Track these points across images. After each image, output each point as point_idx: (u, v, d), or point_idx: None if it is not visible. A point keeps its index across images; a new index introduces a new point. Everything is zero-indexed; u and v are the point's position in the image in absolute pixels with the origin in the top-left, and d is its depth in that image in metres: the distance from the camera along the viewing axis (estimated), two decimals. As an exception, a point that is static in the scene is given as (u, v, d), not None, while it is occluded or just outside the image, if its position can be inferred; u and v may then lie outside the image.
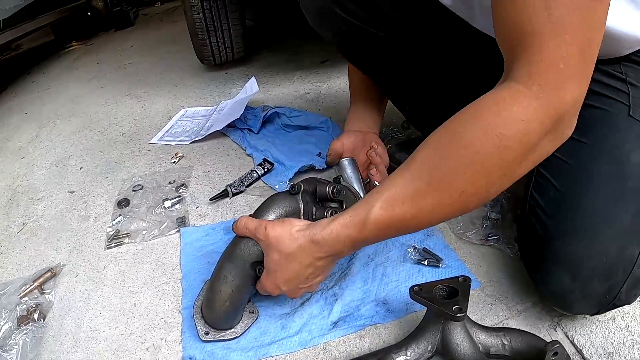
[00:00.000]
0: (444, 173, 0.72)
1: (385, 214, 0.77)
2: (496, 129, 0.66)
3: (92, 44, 3.81)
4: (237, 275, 0.95)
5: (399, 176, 0.77)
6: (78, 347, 1.04)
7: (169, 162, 1.74)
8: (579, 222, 0.86)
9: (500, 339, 0.87)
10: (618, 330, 0.93)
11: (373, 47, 1.16)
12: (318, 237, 0.84)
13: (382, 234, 0.80)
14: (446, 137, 0.73)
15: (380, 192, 0.78)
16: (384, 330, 0.99)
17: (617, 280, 0.83)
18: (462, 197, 0.72)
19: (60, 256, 1.33)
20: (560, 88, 0.64)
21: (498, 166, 0.69)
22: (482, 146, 0.68)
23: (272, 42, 3.00)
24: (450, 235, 1.22)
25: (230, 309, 0.97)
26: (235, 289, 0.95)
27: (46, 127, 2.25)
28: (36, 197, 1.65)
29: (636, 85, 0.96)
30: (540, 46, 0.64)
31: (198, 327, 1.00)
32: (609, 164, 0.89)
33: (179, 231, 1.34)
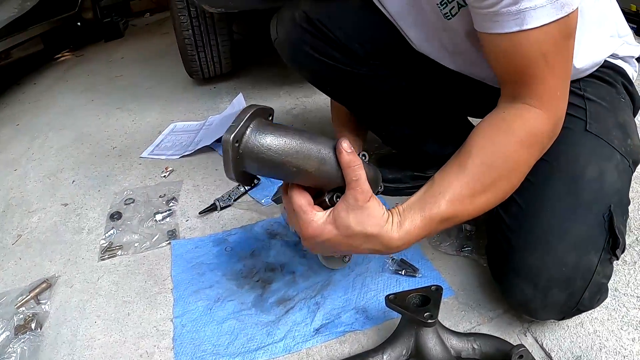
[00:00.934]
0: (494, 179, 0.85)
1: (450, 208, 0.84)
2: (528, 140, 0.85)
3: (82, 55, 3.79)
4: (321, 162, 0.82)
5: (454, 178, 0.85)
6: (74, 354, 1.09)
7: (159, 176, 1.78)
8: (536, 235, 0.93)
9: (470, 344, 0.93)
10: (586, 335, 0.98)
11: (346, 83, 1.22)
12: (394, 236, 0.83)
13: (444, 226, 0.87)
14: (490, 148, 0.86)
15: (441, 192, 0.84)
16: (362, 336, 1.05)
17: (576, 288, 0.90)
18: (504, 195, 0.88)
19: (55, 267, 1.38)
20: (558, 108, 0.86)
21: (527, 166, 0.87)
22: (520, 155, 0.85)
23: (259, 56, 3.03)
24: (426, 247, 1.27)
25: (282, 159, 0.79)
26: (328, 162, 0.82)
27: (38, 139, 2.27)
28: (30, 210, 1.69)
29: (593, 100, 1.04)
30: (543, 83, 0.83)
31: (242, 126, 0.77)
32: (564, 179, 0.96)
33: (170, 244, 1.39)
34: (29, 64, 3.59)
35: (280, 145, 0.78)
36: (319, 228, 0.84)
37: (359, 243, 0.84)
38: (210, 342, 1.07)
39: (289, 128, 0.82)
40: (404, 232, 0.83)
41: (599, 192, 0.94)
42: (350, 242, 0.84)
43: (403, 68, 1.22)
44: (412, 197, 0.87)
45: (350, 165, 0.81)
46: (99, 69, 3.32)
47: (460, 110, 1.39)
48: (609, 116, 1.03)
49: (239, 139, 0.76)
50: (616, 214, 0.93)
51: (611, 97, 1.06)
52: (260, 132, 0.78)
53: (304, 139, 0.81)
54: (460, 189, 0.84)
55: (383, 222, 0.83)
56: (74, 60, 3.70)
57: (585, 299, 0.91)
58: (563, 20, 0.76)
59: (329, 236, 0.84)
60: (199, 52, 2.40)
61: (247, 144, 0.77)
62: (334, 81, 1.24)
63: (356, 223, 0.82)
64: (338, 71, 1.19)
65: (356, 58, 1.17)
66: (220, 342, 1.06)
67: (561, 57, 0.82)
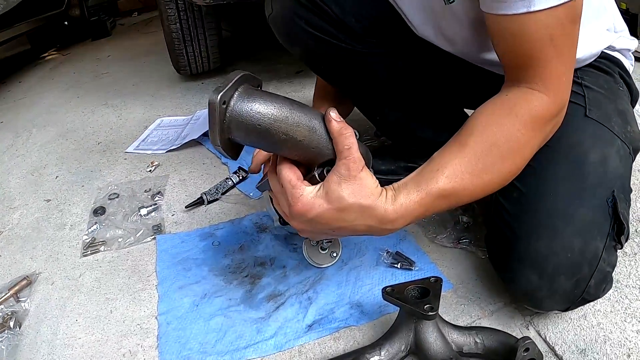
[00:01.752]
0: (495, 159, 0.82)
1: (450, 184, 0.80)
2: (532, 123, 0.82)
3: (68, 54, 3.78)
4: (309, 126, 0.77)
5: (454, 155, 0.82)
6: (54, 354, 1.04)
7: (145, 170, 1.75)
8: (541, 221, 0.89)
9: (472, 338, 0.89)
10: (590, 328, 0.95)
11: (341, 61, 1.18)
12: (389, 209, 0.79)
13: (441, 206, 0.82)
14: (493, 128, 0.83)
15: (439, 169, 0.80)
16: (357, 332, 1.01)
17: (583, 275, 0.87)
18: (506, 177, 0.85)
19: (36, 264, 1.33)
20: (563, 94, 0.83)
21: (530, 149, 0.84)
22: (523, 136, 0.82)
23: (248, 52, 3.02)
24: (422, 239, 1.24)
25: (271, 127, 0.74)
26: (316, 130, 0.78)
27: (22, 136, 2.24)
28: (12, 206, 1.64)
29: (591, 87, 1.02)
30: (549, 67, 0.80)
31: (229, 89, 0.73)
32: (567, 163, 0.93)
33: (155, 238, 1.35)
34: (14, 63, 3.55)
35: (270, 110, 0.74)
36: (309, 202, 0.78)
37: (352, 217, 0.78)
38: (197, 340, 1.02)
39: (278, 95, 0.77)
40: (398, 205, 0.78)
41: (602, 177, 0.92)
42: (344, 216, 0.78)
43: (400, 48, 1.19)
44: (409, 175, 0.83)
45: (341, 132, 0.77)
46: (85, 67, 3.29)
47: (456, 97, 1.36)
48: (608, 103, 1.02)
49: (227, 100, 0.72)
50: (619, 200, 0.91)
51: (609, 86, 1.06)
52: (249, 95, 0.74)
53: (294, 106, 0.77)
54: (460, 165, 0.80)
55: (377, 193, 0.78)
56: (60, 59, 3.67)
57: (591, 287, 0.88)
58: (570, 3, 0.75)
59: (320, 210, 0.78)
60: (187, 46, 2.36)
61: (235, 106, 0.73)
62: (328, 59, 1.20)
63: (349, 194, 0.76)
64: (333, 48, 1.15)
65: (352, 34, 1.13)
66: (208, 339, 1.02)
67: (567, 42, 0.80)
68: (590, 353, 0.91)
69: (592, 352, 0.91)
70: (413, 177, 0.82)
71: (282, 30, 1.20)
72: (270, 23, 1.20)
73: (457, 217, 1.27)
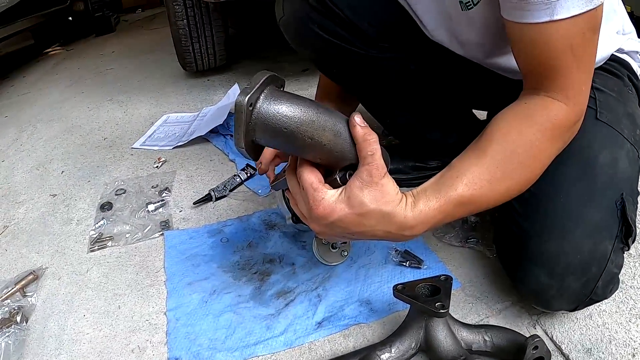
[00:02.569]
0: (514, 166, 0.81)
1: (468, 192, 0.79)
2: (551, 131, 0.81)
3: (72, 49, 3.78)
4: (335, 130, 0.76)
5: (473, 163, 0.81)
6: (62, 349, 1.04)
7: (151, 166, 1.74)
8: (552, 220, 0.89)
9: (481, 336, 0.89)
10: (595, 327, 0.95)
11: (353, 65, 1.18)
12: (408, 216, 0.78)
13: (460, 213, 0.82)
14: (513, 135, 0.82)
15: (458, 176, 0.80)
16: (367, 329, 1.01)
17: (592, 275, 0.87)
18: (524, 184, 0.84)
19: (42, 259, 1.33)
20: (582, 102, 0.83)
21: (548, 157, 0.84)
22: (542, 144, 0.81)
23: (254, 51, 3.01)
24: (430, 238, 1.24)
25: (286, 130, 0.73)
26: (342, 135, 0.77)
27: (26, 131, 2.23)
28: (17, 201, 1.64)
29: (602, 90, 1.02)
30: (569, 76, 0.80)
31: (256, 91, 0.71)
32: (578, 165, 0.93)
33: (163, 234, 1.35)
34: (18, 58, 3.55)
35: (297, 113, 0.73)
36: (331, 206, 0.77)
37: (373, 223, 0.78)
38: (206, 336, 1.02)
39: (304, 98, 0.76)
40: (417, 212, 0.78)
41: (612, 179, 0.92)
42: (364, 221, 0.77)
43: (413, 52, 1.18)
44: (428, 182, 0.82)
45: (365, 138, 0.76)
46: (89, 62, 3.30)
47: (466, 100, 1.35)
48: (618, 106, 1.02)
49: (253, 102, 0.71)
50: (628, 202, 0.91)
51: (619, 88, 1.05)
52: (276, 97, 0.73)
53: (320, 109, 0.75)
54: (480, 173, 0.79)
55: (397, 200, 0.78)
56: (64, 54, 3.68)
57: (599, 288, 0.88)
58: (591, 12, 0.75)
59: (342, 215, 0.77)
60: (193, 43, 2.37)
61: (262, 108, 0.71)
62: (340, 63, 1.19)
63: (371, 200, 0.75)
64: (346, 52, 1.14)
65: (365, 39, 1.12)
66: (217, 336, 1.01)
67: (587, 51, 0.80)
68: (596, 352, 0.91)
69: (598, 351, 0.91)
70: (432, 183, 0.81)
71: (294, 34, 1.19)
72: (282, 26, 1.19)
73: (465, 217, 1.26)
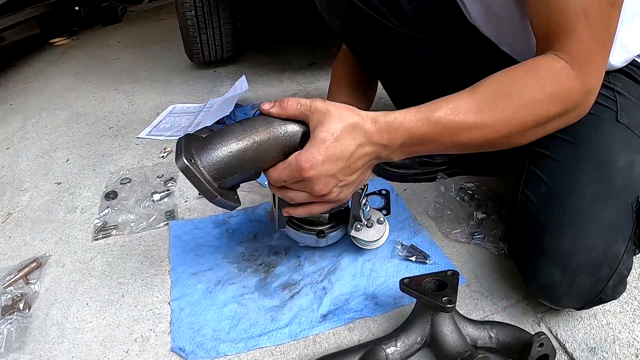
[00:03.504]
0: (505, 105, 0.81)
1: (450, 116, 0.81)
2: (550, 86, 0.80)
3: (78, 39, 3.78)
4: (265, 134, 0.83)
5: (464, 95, 0.83)
6: (64, 337, 1.03)
7: (157, 156, 1.74)
8: (567, 218, 0.88)
9: (487, 332, 0.89)
10: (599, 327, 0.95)
11: (381, 41, 1.15)
12: (380, 119, 0.83)
13: (440, 136, 0.82)
14: (510, 80, 0.83)
15: (446, 100, 0.82)
16: (372, 323, 1.00)
17: (603, 275, 0.86)
18: (515, 130, 0.82)
19: (46, 247, 1.32)
20: (591, 76, 0.81)
21: (546, 115, 0.82)
22: (537, 95, 0.80)
23: (261, 44, 3.01)
24: (437, 234, 1.23)
25: (234, 159, 0.81)
26: (258, 144, 0.83)
27: (32, 119, 2.23)
28: (21, 188, 1.64)
29: (623, 93, 1.00)
30: (581, 40, 0.78)
31: (184, 150, 0.79)
32: (596, 164, 0.92)
33: (168, 224, 1.34)
34: (24, 47, 3.55)
35: (230, 138, 0.81)
36: (311, 155, 0.81)
37: (349, 142, 0.82)
38: (211, 327, 1.01)
39: (224, 127, 0.87)
40: (392, 118, 0.83)
41: (629, 181, 0.91)
42: (343, 146, 0.82)
43: (443, 37, 1.16)
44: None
45: (283, 109, 0.84)
46: (95, 52, 3.29)
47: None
48: (638, 111, 1.01)
49: (191, 157, 0.79)
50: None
51: (639, 94, 1.04)
52: (204, 140, 0.82)
53: (244, 125, 0.84)
54: (466, 103, 0.81)
55: (359, 112, 0.83)
56: (70, 44, 3.68)
57: (609, 288, 0.87)
58: None
59: (323, 151, 0.81)
60: (201, 33, 2.36)
61: (202, 156, 0.80)
62: (368, 37, 1.17)
63: (335, 123, 0.81)
64: (377, 26, 1.12)
65: (401, 14, 1.11)
66: (222, 327, 1.01)
67: (602, 22, 0.78)
68: (600, 352, 0.90)
69: (602, 350, 0.90)
70: (416, 106, 0.84)
71: (326, 1, 1.16)
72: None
73: (471, 212, 1.27)
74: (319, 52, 2.69)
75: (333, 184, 0.86)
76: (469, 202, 1.31)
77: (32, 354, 1.00)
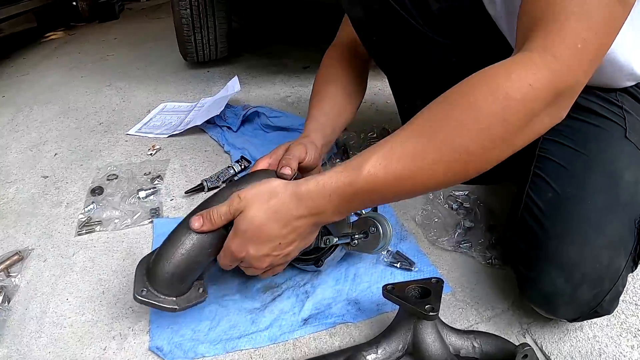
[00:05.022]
0: (448, 130, 0.70)
1: (380, 168, 0.73)
2: (504, 89, 0.67)
3: (74, 34, 3.76)
4: (200, 238, 0.87)
5: (398, 133, 0.75)
6: (42, 332, 1.02)
7: (145, 153, 1.73)
8: (575, 225, 0.87)
9: (470, 341, 0.88)
10: (586, 340, 0.95)
11: (399, 38, 1.11)
12: (301, 189, 0.79)
13: (375, 192, 0.75)
14: (452, 97, 0.73)
15: (378, 147, 0.75)
16: (354, 329, 0.99)
17: (604, 288, 0.85)
18: (464, 156, 0.70)
19: (29, 240, 1.30)
20: (571, 64, 0.66)
21: (501, 127, 0.68)
22: (488, 105, 0.68)
23: (255, 46, 3.00)
24: (423, 241, 1.22)
25: (183, 267, 0.86)
26: (197, 244, 0.86)
27: (23, 111, 2.21)
28: (7, 180, 1.62)
29: (630, 113, 0.99)
30: (565, 24, 0.66)
31: (136, 283, 0.88)
32: (604, 176, 0.91)
33: (152, 222, 1.33)
34: (20, 40, 3.53)
35: (172, 255, 0.86)
36: (236, 244, 0.85)
37: (273, 227, 0.82)
38: (190, 327, 1.00)
39: (164, 242, 0.89)
40: (313, 183, 0.80)
41: (634, 197, 0.90)
42: (267, 231, 0.83)
43: (463, 42, 1.11)
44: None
45: (216, 224, 0.86)
46: (90, 48, 3.27)
47: None
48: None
49: (143, 285, 0.87)
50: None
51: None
52: (149, 267, 0.89)
53: (175, 239, 0.88)
54: (401, 143, 0.73)
55: (276, 189, 0.83)
56: (66, 39, 3.66)
57: (605, 302, 0.87)
58: None
59: (250, 241, 0.84)
60: (195, 33, 2.35)
61: (152, 279, 0.87)
62: (386, 31, 1.12)
63: (255, 210, 0.82)
64: (398, 21, 1.06)
65: (426, 12, 1.05)
66: (201, 327, 1.00)
67: (602, 11, 0.66)
68: (585, 365, 0.90)
69: (587, 364, 0.90)
70: None
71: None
72: None
73: (459, 220, 1.26)
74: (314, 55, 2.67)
75: (270, 260, 0.88)
76: (457, 210, 1.31)
77: (9, 348, 0.99)
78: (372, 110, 1.97)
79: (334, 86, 1.24)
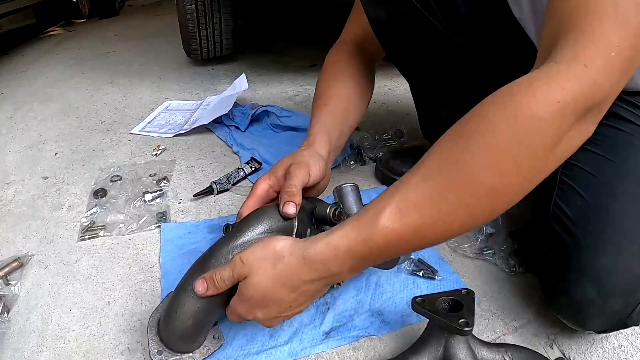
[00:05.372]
0: (469, 165, 0.62)
1: (397, 220, 0.65)
2: (528, 110, 0.59)
3: (74, 30, 3.73)
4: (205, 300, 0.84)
5: (413, 174, 0.67)
6: (44, 346, 0.96)
7: (150, 154, 1.67)
8: (607, 235, 0.83)
9: (502, 355, 0.84)
10: (612, 350, 0.93)
11: (422, 42, 1.07)
12: (310, 253, 0.72)
13: (392, 248, 0.68)
14: (471, 124, 0.65)
15: (391, 194, 0.67)
16: (379, 342, 0.94)
17: (634, 300, 0.81)
18: (491, 194, 0.63)
19: (29, 245, 1.25)
20: (603, 74, 0.59)
21: (528, 154, 0.61)
22: (512, 130, 0.60)
23: (260, 43, 2.97)
24: (444, 248, 1.18)
25: (192, 329, 0.83)
26: (202, 306, 0.82)
27: (22, 109, 2.16)
28: (6, 181, 1.56)
29: None
30: (598, 28, 0.59)
31: (150, 344, 0.85)
32: (634, 183, 0.87)
33: (159, 227, 1.27)
34: (19, 36, 3.49)
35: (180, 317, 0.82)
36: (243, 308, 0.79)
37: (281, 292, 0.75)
38: (203, 341, 0.94)
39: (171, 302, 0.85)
40: (323, 244, 0.71)
41: None
42: (274, 297, 0.76)
43: (488, 46, 1.07)
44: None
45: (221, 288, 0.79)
46: (91, 44, 3.24)
47: None
48: None
49: (159, 346, 0.85)
50: None
51: None
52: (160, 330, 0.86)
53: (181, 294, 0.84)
54: (417, 186, 0.66)
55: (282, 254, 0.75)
56: (65, 35, 3.63)
57: (635, 314, 0.82)
58: None
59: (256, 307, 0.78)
60: (200, 29, 2.31)
61: (168, 340, 0.84)
62: (409, 34, 1.07)
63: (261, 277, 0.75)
64: (422, 23, 1.02)
65: (453, 15, 1.01)
66: (215, 341, 0.94)
67: (633, 10, 0.60)
68: (612, 375, 0.87)
69: (615, 374, 0.88)
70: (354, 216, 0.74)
71: None
72: None
73: (480, 227, 1.21)
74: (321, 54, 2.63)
75: (281, 319, 0.82)
76: (479, 216, 1.26)
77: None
78: (384, 110, 1.92)
79: (339, 84, 1.16)
